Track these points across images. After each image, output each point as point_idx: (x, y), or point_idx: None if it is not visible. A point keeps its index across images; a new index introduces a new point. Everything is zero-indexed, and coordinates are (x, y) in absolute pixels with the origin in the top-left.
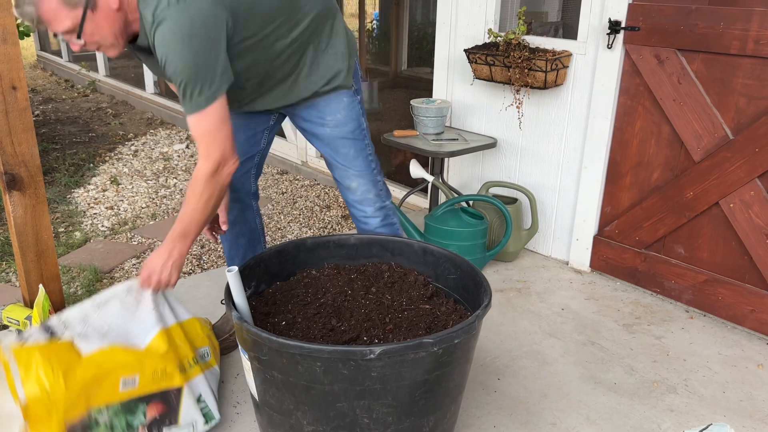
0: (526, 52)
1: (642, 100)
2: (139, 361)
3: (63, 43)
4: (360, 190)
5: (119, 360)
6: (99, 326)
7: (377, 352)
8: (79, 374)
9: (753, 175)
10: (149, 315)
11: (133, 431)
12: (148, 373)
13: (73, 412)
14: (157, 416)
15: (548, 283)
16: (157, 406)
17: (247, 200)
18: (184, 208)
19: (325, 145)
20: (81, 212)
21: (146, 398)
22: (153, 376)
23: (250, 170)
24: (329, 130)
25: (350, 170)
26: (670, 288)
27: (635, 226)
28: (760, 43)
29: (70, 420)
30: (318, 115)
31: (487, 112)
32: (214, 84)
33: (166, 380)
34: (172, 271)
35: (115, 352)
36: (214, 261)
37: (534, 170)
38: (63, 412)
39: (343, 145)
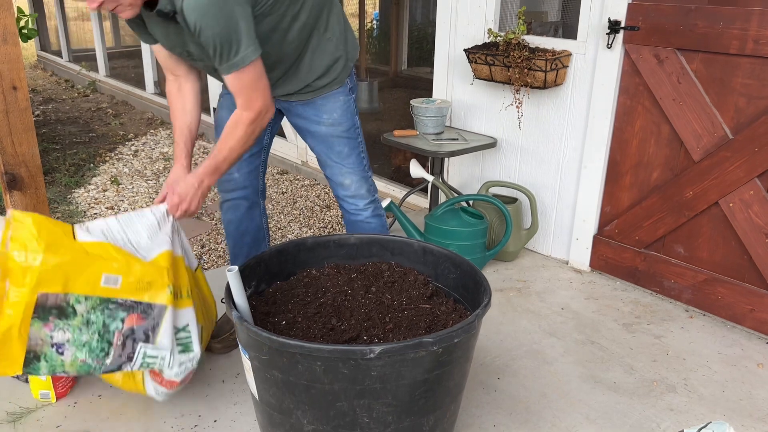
0: (526, 52)
1: (641, 100)
2: (127, 265)
3: (63, 44)
4: (353, 186)
5: (108, 255)
6: (109, 231)
7: (377, 352)
8: (63, 252)
9: (752, 175)
10: (164, 237)
11: (109, 335)
12: (133, 279)
13: (49, 286)
14: (134, 327)
15: (548, 283)
16: (137, 318)
17: (255, 198)
18: (221, 147)
19: (320, 143)
20: (81, 212)
21: (128, 305)
22: (137, 284)
23: (257, 167)
24: (325, 129)
25: (344, 167)
26: (670, 287)
27: (635, 226)
28: (760, 43)
29: (43, 291)
30: (315, 113)
31: (487, 112)
32: (250, 43)
33: (152, 294)
34: (200, 201)
35: (107, 247)
36: (214, 261)
37: (534, 170)
38: (37, 278)
39: (338, 143)
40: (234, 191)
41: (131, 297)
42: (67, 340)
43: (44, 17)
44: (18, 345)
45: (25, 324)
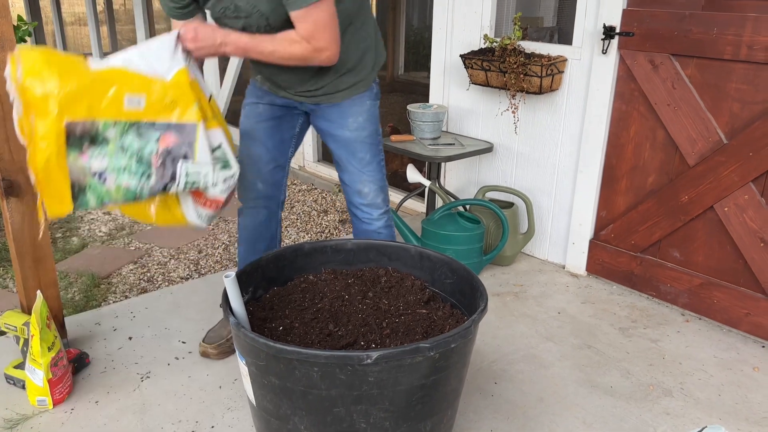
0: (522, 58)
1: (637, 105)
2: (148, 85)
3: (60, 49)
4: (371, 195)
5: (126, 78)
6: (122, 58)
7: (374, 357)
8: (79, 77)
9: (747, 179)
10: (178, 57)
11: (147, 158)
12: (156, 98)
13: (73, 113)
14: (170, 147)
15: (545, 287)
16: (170, 137)
17: (274, 208)
18: (266, 41)
19: (342, 148)
20: (78, 218)
21: (158, 126)
22: (162, 104)
23: (282, 179)
24: (349, 133)
25: (364, 175)
26: (666, 291)
27: (631, 230)
28: (754, 49)
29: (69, 119)
30: (341, 115)
31: (484, 117)
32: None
33: (180, 113)
34: (207, 52)
35: (123, 72)
36: (211, 266)
37: (530, 174)
38: (59, 106)
39: (361, 149)
40: (256, 200)
41: (159, 117)
42: (105, 167)
43: (41, 22)
44: (61, 178)
45: (61, 155)
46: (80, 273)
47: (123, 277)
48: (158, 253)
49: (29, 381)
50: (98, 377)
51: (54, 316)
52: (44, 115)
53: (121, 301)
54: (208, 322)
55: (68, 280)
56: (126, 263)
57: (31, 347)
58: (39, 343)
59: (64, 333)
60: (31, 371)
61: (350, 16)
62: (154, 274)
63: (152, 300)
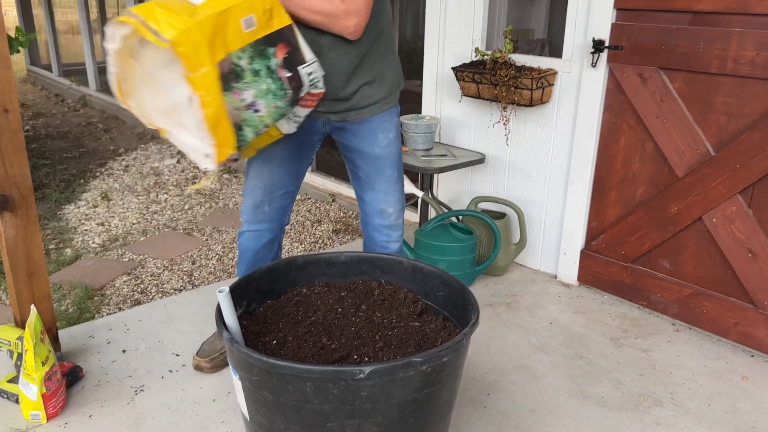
0: (513, 71)
1: (626, 118)
2: (250, 2)
3: (54, 58)
4: (394, 215)
5: (228, 2)
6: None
7: (367, 372)
8: (200, 14)
9: (734, 191)
10: None
11: (276, 74)
12: (260, 12)
13: (216, 53)
14: (286, 55)
15: (537, 297)
16: (282, 47)
17: (278, 232)
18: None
19: (371, 165)
20: (72, 229)
21: (268, 39)
22: (264, 17)
23: (289, 204)
24: (379, 150)
25: (390, 195)
26: (657, 301)
27: (621, 241)
28: (739, 63)
29: (217, 60)
30: (371, 132)
31: (476, 129)
32: None
33: (277, 19)
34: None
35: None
36: (205, 277)
37: (522, 185)
38: (206, 50)
39: (390, 167)
40: (261, 223)
41: (267, 31)
42: (254, 96)
43: (34, 31)
44: (227, 123)
45: (222, 101)
46: (74, 285)
47: (116, 288)
48: (152, 265)
49: (23, 395)
50: (92, 391)
51: (48, 330)
52: (197, 65)
53: (115, 313)
54: (201, 335)
55: (62, 292)
56: (119, 275)
57: (24, 362)
58: (33, 358)
59: (58, 346)
60: (24, 386)
61: (384, 27)
62: (147, 286)
63: (146, 312)
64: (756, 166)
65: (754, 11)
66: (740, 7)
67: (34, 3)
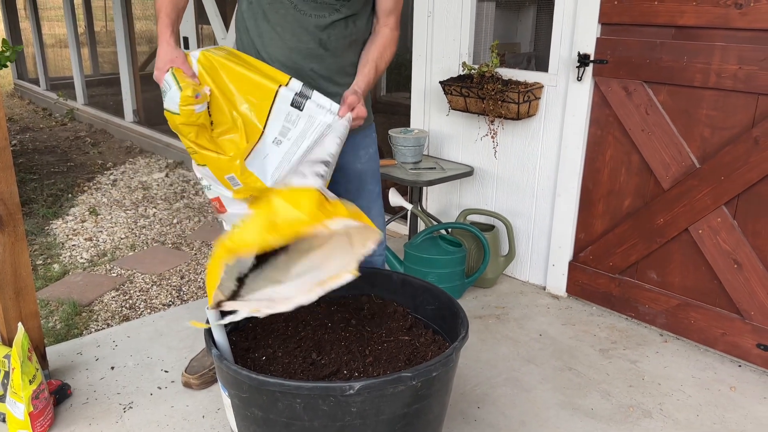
0: (499, 85)
1: (612, 130)
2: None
3: (41, 71)
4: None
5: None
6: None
7: (356, 388)
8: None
9: (719, 203)
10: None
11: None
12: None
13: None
14: None
15: (526, 309)
16: None
17: None
18: (376, 59)
19: (353, 181)
20: (59, 244)
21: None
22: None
23: None
24: (360, 166)
25: (372, 210)
26: (645, 312)
27: (608, 252)
28: (722, 76)
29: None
30: (353, 147)
31: (464, 142)
32: None
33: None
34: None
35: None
36: (194, 292)
37: (510, 198)
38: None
39: (371, 182)
40: None
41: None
42: None
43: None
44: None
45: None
46: (61, 301)
47: (105, 304)
48: (140, 280)
49: (10, 414)
50: (80, 408)
51: (35, 347)
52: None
53: (103, 329)
54: (190, 350)
55: (49, 308)
56: (108, 290)
57: (11, 380)
58: (20, 376)
59: (46, 364)
60: (11, 404)
61: (363, 33)
62: (136, 301)
63: (134, 328)
64: (740, 177)
65: (736, 26)
66: (722, 21)
67: (21, 16)
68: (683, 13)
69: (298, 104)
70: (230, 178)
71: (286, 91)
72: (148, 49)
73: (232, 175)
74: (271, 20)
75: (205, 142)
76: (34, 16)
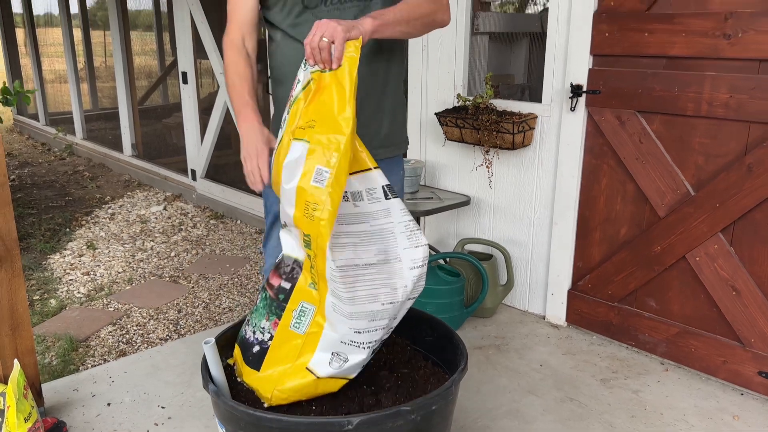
0: (494, 116)
1: (606, 159)
2: None
3: (40, 107)
4: None
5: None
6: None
7: (355, 423)
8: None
9: (716, 230)
10: None
11: None
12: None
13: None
14: None
15: (526, 339)
16: None
17: None
18: (406, 7)
19: None
20: (56, 279)
21: None
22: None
23: None
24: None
25: None
26: (645, 341)
27: (607, 280)
28: (713, 105)
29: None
30: (391, 171)
31: (460, 171)
32: None
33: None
34: (342, 37)
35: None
36: (191, 326)
37: (507, 226)
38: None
39: None
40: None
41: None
42: None
43: (21, 80)
44: None
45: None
46: (58, 336)
47: (101, 339)
48: (137, 314)
49: None
50: None
51: (31, 384)
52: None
53: (100, 365)
54: (187, 386)
55: (45, 344)
56: (105, 325)
57: (6, 418)
58: (15, 415)
59: (41, 401)
60: None
61: (401, 64)
62: (133, 336)
63: (131, 363)
64: (735, 204)
65: (725, 56)
66: (711, 52)
67: (21, 52)
68: (674, 44)
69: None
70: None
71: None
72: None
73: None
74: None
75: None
76: (35, 52)
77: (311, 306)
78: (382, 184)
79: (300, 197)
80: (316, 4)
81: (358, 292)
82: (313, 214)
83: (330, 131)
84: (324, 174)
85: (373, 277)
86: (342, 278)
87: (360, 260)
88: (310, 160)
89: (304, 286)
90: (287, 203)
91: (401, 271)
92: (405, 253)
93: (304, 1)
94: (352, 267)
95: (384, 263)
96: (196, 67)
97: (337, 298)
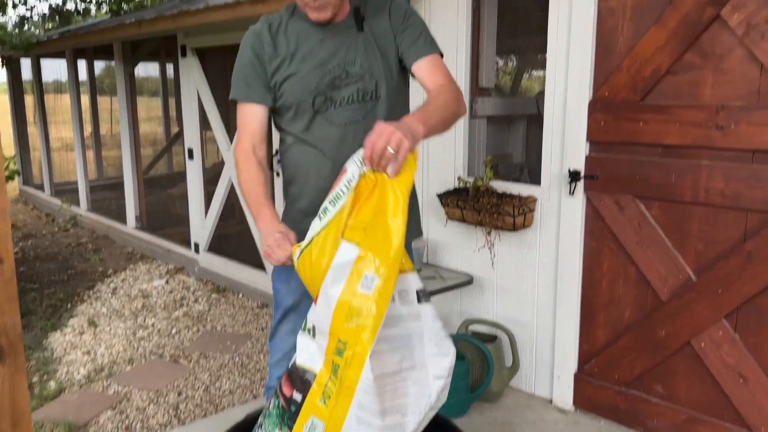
0: (494, 198)
1: (607, 242)
2: None
3: (46, 177)
4: None
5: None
6: None
7: None
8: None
9: (719, 315)
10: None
11: None
12: None
13: None
14: None
15: (534, 426)
16: None
17: None
18: (439, 100)
19: None
20: (56, 359)
21: None
22: None
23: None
24: None
25: None
26: (653, 427)
27: (613, 364)
28: (710, 193)
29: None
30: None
31: (462, 251)
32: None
33: None
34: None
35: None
36: (191, 410)
37: (511, 307)
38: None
39: None
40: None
41: None
42: None
43: (27, 149)
44: None
45: None
46: (57, 422)
47: (101, 425)
48: (137, 397)
49: None
50: None
51: None
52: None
53: None
54: None
55: (44, 431)
56: (104, 409)
57: None
58: None
59: None
60: None
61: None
62: (132, 422)
63: None
64: (737, 291)
65: (719, 145)
66: (705, 141)
67: (29, 121)
68: (668, 133)
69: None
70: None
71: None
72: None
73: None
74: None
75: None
76: (42, 120)
77: (320, 422)
78: (416, 288)
79: (343, 302)
80: (326, 108)
81: (386, 404)
82: (357, 320)
83: (382, 238)
84: (373, 281)
85: (398, 386)
86: (377, 389)
87: (388, 368)
88: (358, 265)
89: (314, 400)
90: (325, 306)
91: (425, 380)
92: (431, 360)
93: (315, 106)
94: (382, 376)
95: (410, 369)
96: (202, 139)
97: (366, 411)
